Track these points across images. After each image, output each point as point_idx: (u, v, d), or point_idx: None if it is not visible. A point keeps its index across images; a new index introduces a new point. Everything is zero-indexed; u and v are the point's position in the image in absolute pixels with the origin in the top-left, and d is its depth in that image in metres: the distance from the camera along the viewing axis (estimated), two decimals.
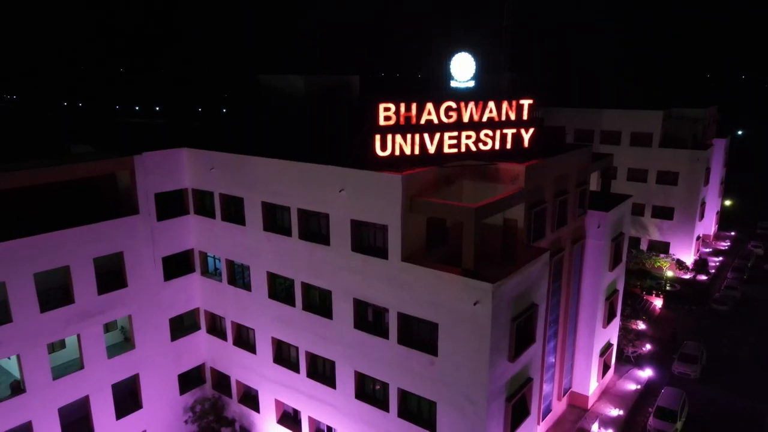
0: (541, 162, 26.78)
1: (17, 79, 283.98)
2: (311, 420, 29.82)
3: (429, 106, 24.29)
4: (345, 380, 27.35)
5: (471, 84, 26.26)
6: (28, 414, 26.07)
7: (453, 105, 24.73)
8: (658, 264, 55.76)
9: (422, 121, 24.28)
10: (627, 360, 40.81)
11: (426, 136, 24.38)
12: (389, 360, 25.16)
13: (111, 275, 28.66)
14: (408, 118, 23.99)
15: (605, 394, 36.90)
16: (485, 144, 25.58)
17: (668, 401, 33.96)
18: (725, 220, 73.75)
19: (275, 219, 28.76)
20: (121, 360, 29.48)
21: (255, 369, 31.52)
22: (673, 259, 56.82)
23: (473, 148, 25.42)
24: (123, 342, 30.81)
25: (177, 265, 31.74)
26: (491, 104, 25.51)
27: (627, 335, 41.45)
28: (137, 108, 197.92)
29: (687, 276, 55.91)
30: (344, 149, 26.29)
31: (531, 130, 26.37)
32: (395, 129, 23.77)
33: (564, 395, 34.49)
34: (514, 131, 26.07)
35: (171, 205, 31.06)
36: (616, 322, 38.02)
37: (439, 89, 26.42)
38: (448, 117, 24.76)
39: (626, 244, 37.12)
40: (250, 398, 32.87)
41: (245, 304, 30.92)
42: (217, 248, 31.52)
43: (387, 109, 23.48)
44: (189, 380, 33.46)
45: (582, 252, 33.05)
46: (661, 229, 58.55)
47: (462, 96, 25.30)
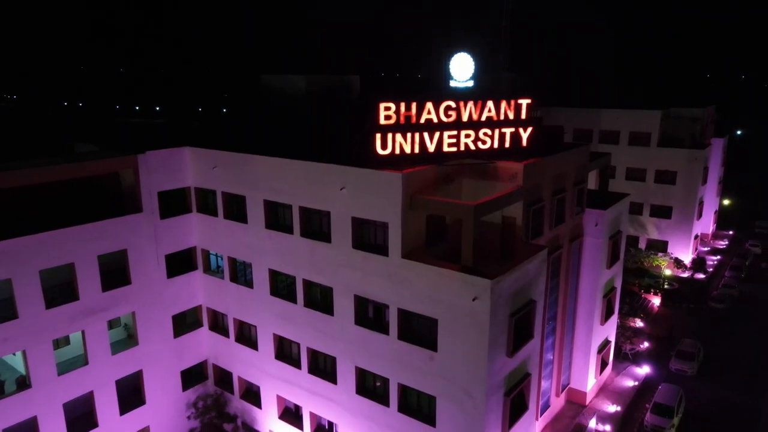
0: (539, 161, 27.16)
1: (17, 79, 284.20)
2: (312, 415, 30.20)
3: (429, 106, 24.68)
4: (346, 376, 27.72)
5: (470, 84, 26.60)
6: (34, 409, 26.44)
7: (452, 104, 25.11)
8: (657, 263, 56.16)
9: (422, 121, 24.66)
10: (625, 357, 41.20)
11: (426, 135, 24.76)
12: (390, 355, 25.55)
13: (115, 272, 29.03)
14: (408, 118, 24.39)
15: (603, 391, 37.27)
16: (484, 143, 25.94)
17: (665, 397, 34.35)
18: (724, 220, 74.06)
19: (277, 217, 29.13)
20: (125, 356, 29.86)
21: (257, 365, 31.89)
22: (672, 258, 57.22)
23: (472, 147, 25.78)
24: (126, 339, 31.17)
25: (180, 263, 32.10)
26: (490, 104, 25.88)
27: (625, 333, 41.83)
28: (137, 108, 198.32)
29: (685, 274, 56.27)
30: (345, 148, 26.63)
31: (529, 129, 26.74)
32: (395, 128, 24.16)
33: (562, 391, 34.86)
34: (513, 130, 26.43)
35: (174, 204, 31.42)
36: (614, 320, 38.40)
37: (439, 89, 26.75)
38: (448, 116, 25.13)
39: (624, 242, 37.46)
40: (252, 394, 33.22)
41: (247, 301, 31.28)
42: (220, 246, 31.90)
43: (387, 109, 23.88)
44: (191, 377, 33.81)
45: (580, 250, 33.42)
46: (660, 228, 58.95)
47: (461, 96, 25.68)
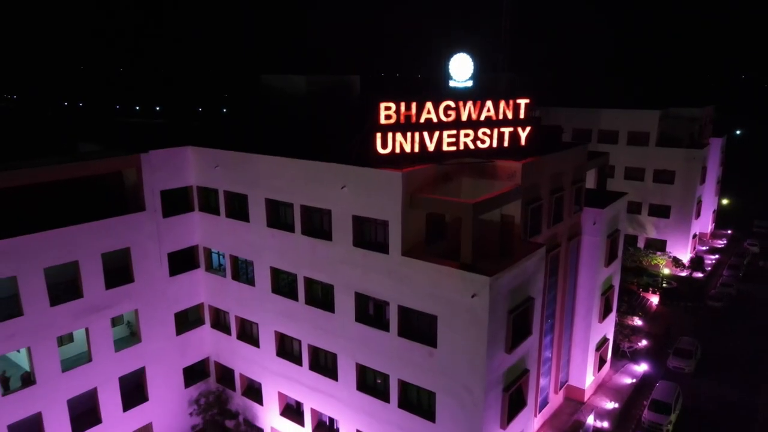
0: (538, 160, 27.49)
1: (17, 79, 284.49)
2: (314, 412, 30.52)
3: (428, 105, 25.01)
4: (347, 372, 28.04)
5: (469, 84, 26.94)
6: (38, 405, 26.74)
7: (452, 104, 25.45)
8: (655, 261, 56.50)
9: (422, 120, 25.00)
10: (623, 355, 41.50)
11: (425, 135, 25.09)
12: (390, 352, 25.87)
13: (118, 270, 29.33)
14: (408, 117, 24.73)
15: (601, 388, 37.59)
16: (483, 142, 26.27)
17: (663, 394, 34.68)
18: (722, 219, 74.39)
19: (278, 215, 29.45)
20: (128, 353, 30.18)
21: (258, 362, 32.21)
22: (670, 257, 57.55)
23: (471, 146, 26.11)
24: (129, 336, 31.49)
25: (182, 261, 32.41)
26: (489, 103, 26.21)
27: (623, 330, 42.17)
28: (137, 108, 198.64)
29: (683, 273, 56.60)
30: (346, 147, 26.96)
31: (528, 129, 27.06)
32: (395, 127, 24.50)
33: (561, 388, 35.17)
34: (511, 130, 26.76)
35: (176, 202, 31.73)
36: (612, 318, 38.72)
37: (439, 89, 27.08)
38: (447, 116, 25.47)
39: (622, 241, 37.80)
40: (254, 391, 33.54)
41: (249, 299, 31.61)
42: (222, 244, 32.22)
43: (387, 108, 24.23)
44: (193, 374, 34.14)
45: (578, 248, 33.75)
46: (658, 227, 59.27)
47: (461, 95, 26.01)
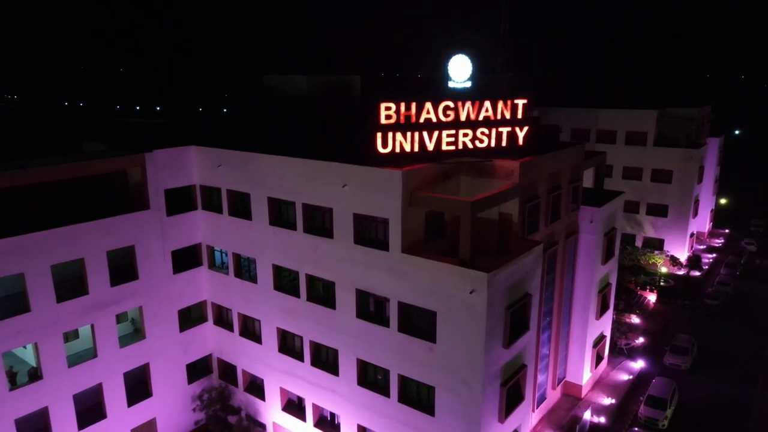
0: (535, 159, 27.99)
1: (18, 79, 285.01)
2: (315, 407, 31.02)
3: (428, 106, 25.51)
4: (348, 368, 28.53)
5: (468, 84, 27.43)
6: (45, 400, 27.27)
7: (451, 104, 25.93)
8: (653, 260, 57.01)
9: (421, 120, 25.50)
10: (620, 352, 42.01)
11: (425, 134, 25.58)
12: (390, 347, 26.37)
13: (123, 268, 29.84)
14: (408, 117, 25.23)
15: (598, 384, 38.10)
16: (481, 141, 26.74)
17: (659, 390, 35.19)
18: (720, 218, 74.91)
19: (280, 214, 29.94)
20: (133, 349, 30.69)
21: (260, 358, 32.71)
22: (667, 256, 58.06)
23: (470, 146, 26.59)
24: (133, 333, 31.97)
25: (185, 259, 32.92)
26: (487, 104, 26.67)
27: (620, 328, 42.67)
28: (137, 108, 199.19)
29: (681, 272, 57.11)
30: (347, 146, 27.47)
31: (525, 129, 27.51)
32: (396, 127, 25.00)
33: (558, 384, 35.68)
34: (509, 129, 27.22)
35: (180, 201, 32.23)
36: (609, 315, 39.20)
37: (438, 89, 27.57)
38: (446, 116, 25.96)
39: (619, 239, 38.28)
40: (256, 387, 34.04)
41: (251, 296, 32.10)
42: (224, 242, 32.71)
43: (388, 108, 24.73)
44: (196, 370, 34.63)
45: (575, 246, 34.24)
46: (656, 226, 59.75)
47: (459, 96, 26.50)
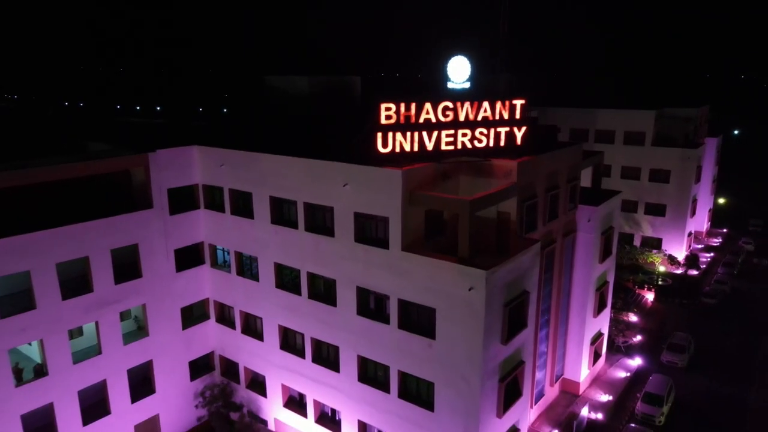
0: (533, 159, 28.40)
1: (18, 79, 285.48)
2: (316, 403, 31.45)
3: (427, 106, 25.94)
4: (348, 364, 28.96)
5: (467, 85, 27.85)
6: (50, 396, 27.67)
7: (450, 105, 26.36)
8: (651, 259, 57.38)
9: (421, 120, 25.93)
10: (618, 350, 42.43)
11: (425, 134, 26.01)
12: (390, 344, 26.79)
13: (127, 266, 30.25)
14: (408, 117, 25.66)
15: (596, 381, 38.51)
16: (480, 141, 27.17)
17: (655, 387, 35.61)
18: (719, 218, 75.36)
19: (282, 212, 30.35)
20: (136, 347, 31.09)
21: (262, 356, 33.12)
22: (665, 255, 58.47)
23: (469, 145, 27.02)
24: (136, 330, 32.38)
25: (188, 257, 33.34)
26: (486, 104, 27.09)
27: (618, 326, 43.09)
28: (138, 108, 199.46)
29: (678, 271, 57.52)
30: (348, 146, 27.89)
31: (523, 129, 27.92)
32: (396, 127, 25.43)
33: (556, 381, 36.11)
34: (508, 129, 27.64)
35: (183, 200, 32.65)
36: (607, 313, 39.60)
37: (437, 90, 27.99)
38: (446, 116, 26.39)
39: (616, 238, 38.68)
40: (258, 384, 34.47)
41: (253, 294, 32.52)
42: (227, 241, 33.13)
43: (388, 109, 25.17)
44: (199, 367, 35.05)
45: (573, 244, 34.66)
46: (654, 226, 60.19)
47: (458, 96, 26.92)
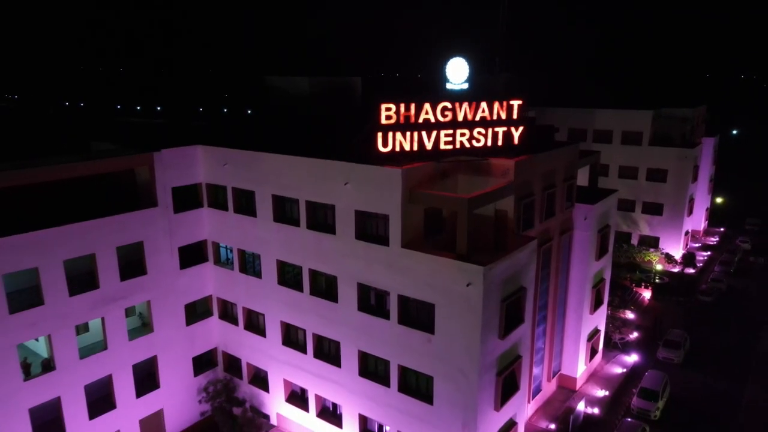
0: (530, 158, 29.01)
1: (18, 79, 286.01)
2: (318, 397, 32.05)
3: (426, 106, 26.55)
4: (349, 359, 29.56)
5: (465, 86, 28.44)
6: (58, 390, 28.25)
7: (448, 105, 26.98)
8: (648, 258, 58.03)
9: (420, 120, 26.55)
10: (614, 346, 43.04)
11: (424, 134, 26.63)
12: (390, 339, 27.40)
13: (132, 263, 30.85)
14: (407, 117, 26.28)
15: (593, 377, 39.13)
16: (478, 141, 27.77)
17: (651, 383, 36.20)
18: (716, 217, 75.95)
19: (284, 210, 30.95)
20: (141, 342, 31.67)
21: (264, 351, 33.72)
22: (662, 253, 59.10)
23: (467, 145, 27.63)
24: (141, 326, 32.97)
25: (192, 255, 33.93)
26: (484, 104, 27.70)
27: (615, 323, 43.71)
28: (138, 108, 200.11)
29: (675, 269, 58.15)
30: (348, 146, 28.50)
31: (520, 128, 28.52)
32: (396, 127, 26.05)
33: (553, 377, 36.71)
34: (505, 129, 28.24)
35: (187, 199, 33.24)
36: (603, 310, 40.23)
37: (436, 91, 28.59)
38: (444, 116, 27.00)
39: (612, 236, 39.28)
40: (260, 379, 35.06)
41: (256, 291, 33.12)
42: (230, 239, 33.72)
43: (388, 109, 25.79)
44: (202, 363, 35.64)
45: (570, 242, 35.26)
46: (651, 225, 60.82)
47: (457, 97, 27.53)
